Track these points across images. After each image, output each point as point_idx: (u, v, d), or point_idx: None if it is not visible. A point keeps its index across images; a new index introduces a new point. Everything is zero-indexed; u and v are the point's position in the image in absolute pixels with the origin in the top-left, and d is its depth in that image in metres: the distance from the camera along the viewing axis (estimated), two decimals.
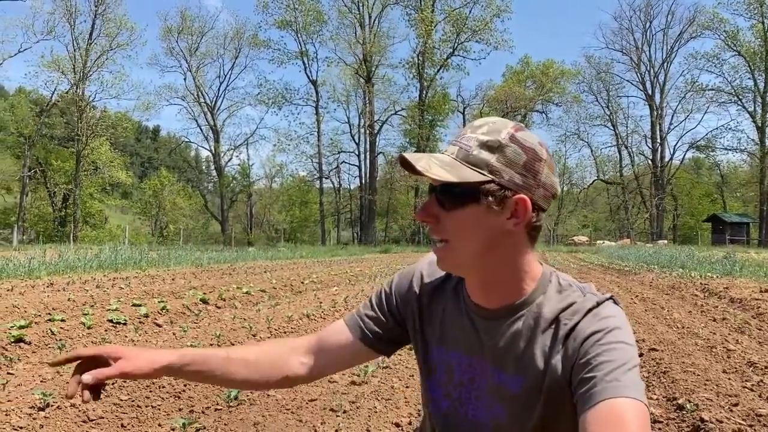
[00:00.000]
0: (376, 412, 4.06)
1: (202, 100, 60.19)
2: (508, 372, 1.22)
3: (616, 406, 0.99)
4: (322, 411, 4.05)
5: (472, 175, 1.13)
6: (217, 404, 4.13)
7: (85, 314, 7.00)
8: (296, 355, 1.42)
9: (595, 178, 67.97)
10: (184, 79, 60.38)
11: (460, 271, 1.25)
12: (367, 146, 57.85)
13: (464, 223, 1.16)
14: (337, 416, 3.94)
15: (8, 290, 9.72)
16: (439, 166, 1.14)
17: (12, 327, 5.94)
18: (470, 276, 1.25)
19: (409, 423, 3.81)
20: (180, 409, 4.04)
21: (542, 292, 1.22)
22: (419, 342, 1.40)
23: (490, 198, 1.14)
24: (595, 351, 1.08)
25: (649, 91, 62.98)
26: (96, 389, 1.22)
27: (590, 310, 1.16)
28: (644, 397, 1.03)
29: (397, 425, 3.80)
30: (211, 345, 5.75)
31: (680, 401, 4.09)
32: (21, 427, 3.39)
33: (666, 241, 51.80)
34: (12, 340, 5.52)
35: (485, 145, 1.15)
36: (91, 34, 47.70)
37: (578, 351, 1.12)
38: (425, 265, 1.44)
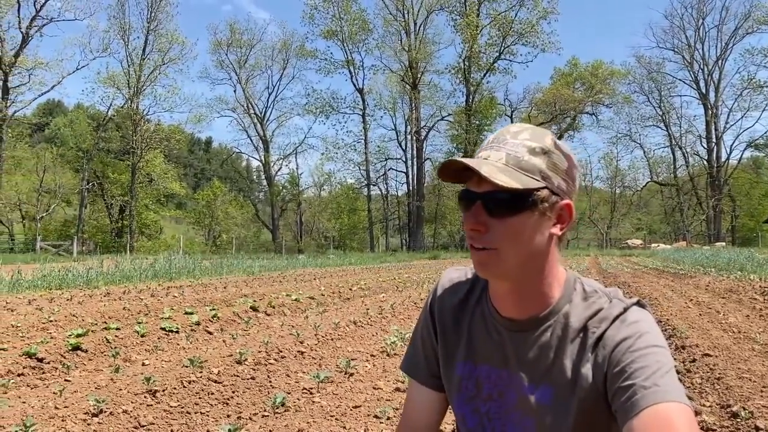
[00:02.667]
0: None
1: (251, 111, 61.52)
2: (539, 383, 1.21)
3: (662, 411, 0.98)
4: (366, 418, 4.06)
5: (528, 182, 1.11)
6: (264, 411, 4.20)
7: (139, 323, 7.20)
8: None
9: (649, 179, 66.46)
10: (234, 91, 62.04)
11: (502, 279, 1.21)
12: (414, 152, 57.92)
13: (517, 230, 1.13)
14: (381, 423, 3.94)
15: (68, 300, 10.08)
16: (500, 172, 1.11)
17: (70, 335, 6.17)
18: (509, 284, 1.21)
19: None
20: (228, 416, 4.12)
21: (568, 300, 1.21)
22: (446, 359, 1.38)
23: (545, 204, 1.13)
24: (629, 358, 1.07)
25: (703, 90, 61.29)
26: None
27: (618, 316, 1.15)
28: (686, 398, 1.02)
29: None
30: (260, 352, 5.84)
31: (734, 408, 3.97)
32: None
33: (724, 244, 50.22)
34: (69, 348, 5.72)
35: (534, 151, 1.14)
36: (144, 49, 49.30)
37: (609, 359, 1.11)
38: (446, 282, 1.43)
